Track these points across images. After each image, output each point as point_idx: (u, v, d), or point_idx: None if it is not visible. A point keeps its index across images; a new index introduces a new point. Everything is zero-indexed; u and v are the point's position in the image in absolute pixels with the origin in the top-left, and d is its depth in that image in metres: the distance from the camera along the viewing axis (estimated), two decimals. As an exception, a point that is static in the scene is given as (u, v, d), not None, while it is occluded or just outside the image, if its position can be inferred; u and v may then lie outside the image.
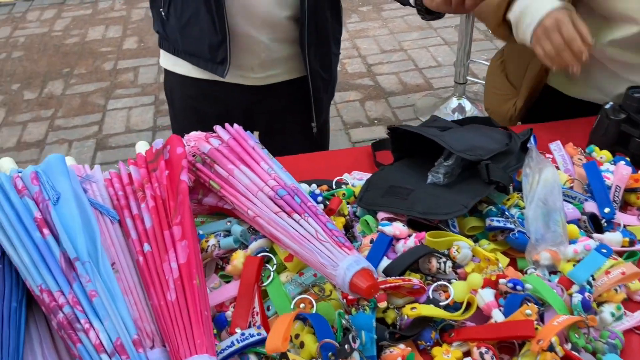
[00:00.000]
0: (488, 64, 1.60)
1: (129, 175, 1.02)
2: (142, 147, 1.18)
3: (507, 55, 1.48)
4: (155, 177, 0.99)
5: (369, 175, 1.16)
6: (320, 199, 0.97)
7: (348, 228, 1.00)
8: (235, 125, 1.08)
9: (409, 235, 0.93)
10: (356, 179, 1.15)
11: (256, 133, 1.60)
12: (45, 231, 0.82)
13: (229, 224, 0.98)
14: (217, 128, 1.07)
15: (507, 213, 0.97)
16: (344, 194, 1.02)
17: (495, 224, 0.95)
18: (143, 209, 0.94)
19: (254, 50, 1.37)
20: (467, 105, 3.16)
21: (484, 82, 1.69)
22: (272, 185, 0.91)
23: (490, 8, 1.21)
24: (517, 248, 0.94)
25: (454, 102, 3.18)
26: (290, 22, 1.36)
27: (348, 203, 1.06)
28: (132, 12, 4.89)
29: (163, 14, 1.37)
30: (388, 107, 3.31)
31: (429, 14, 1.19)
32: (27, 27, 4.70)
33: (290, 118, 1.53)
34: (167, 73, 1.51)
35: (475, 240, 0.97)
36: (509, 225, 0.95)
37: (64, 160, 0.92)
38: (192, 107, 1.50)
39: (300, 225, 0.82)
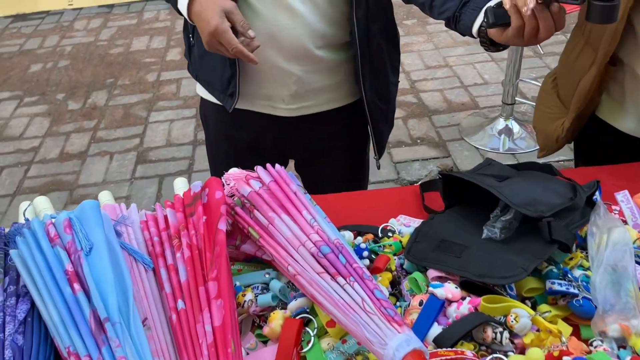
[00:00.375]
0: (538, 83, 1.52)
1: (166, 218, 0.97)
2: (180, 184, 1.14)
3: (559, 71, 1.40)
4: (192, 223, 0.94)
5: (417, 221, 1.09)
6: (365, 253, 0.90)
7: (395, 284, 0.93)
8: (277, 166, 1.03)
9: (462, 298, 0.86)
10: (403, 225, 1.08)
11: (291, 162, 1.56)
12: (76, 286, 0.78)
13: (267, 275, 0.92)
14: (258, 169, 1.02)
15: (569, 275, 0.89)
16: (391, 247, 0.95)
17: (557, 287, 0.87)
18: (178, 258, 0.89)
19: (284, 82, 1.30)
20: (515, 127, 3.04)
21: (533, 102, 1.60)
22: (314, 240, 0.85)
23: None
24: (581, 316, 0.86)
25: (500, 123, 3.07)
26: (329, 53, 1.29)
27: (395, 255, 0.99)
28: (177, 22, 4.92)
29: (192, 39, 1.35)
30: (432, 126, 3.22)
31: (493, 46, 1.10)
32: (74, 36, 4.78)
33: (332, 149, 1.47)
34: (202, 100, 1.48)
35: (534, 304, 0.89)
36: (572, 290, 0.86)
37: (98, 208, 0.88)
38: (225, 134, 1.46)
39: (345, 291, 0.76)
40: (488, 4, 1.02)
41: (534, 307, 0.89)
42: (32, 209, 1.08)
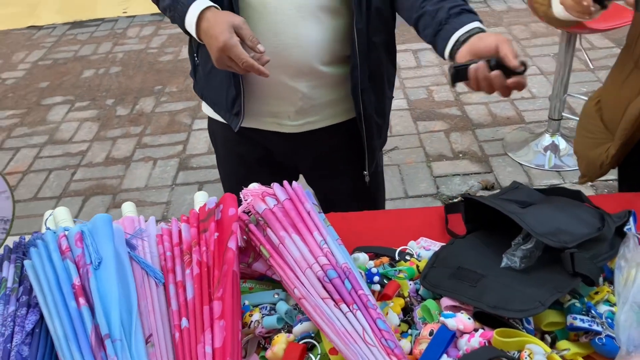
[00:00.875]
0: (587, 98, 1.44)
1: (180, 233, 0.97)
2: (200, 198, 1.14)
3: (605, 93, 1.33)
4: (205, 240, 0.94)
5: (437, 244, 1.06)
6: (376, 279, 0.87)
7: (407, 311, 0.90)
8: (294, 183, 1.01)
9: (475, 330, 0.82)
10: (423, 248, 1.05)
11: (301, 177, 1.54)
12: (82, 300, 0.79)
13: (276, 296, 0.91)
14: (275, 186, 1.00)
15: (593, 311, 0.84)
16: (404, 273, 0.92)
17: (578, 323, 0.82)
18: (187, 275, 0.89)
19: (289, 99, 1.28)
20: (562, 144, 2.94)
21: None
22: (322, 263, 0.83)
23: None
24: (603, 355, 0.81)
25: (546, 139, 2.96)
26: (332, 68, 1.27)
27: (411, 280, 0.96)
28: (225, 31, 4.99)
29: (196, 59, 1.35)
30: (475, 140, 3.14)
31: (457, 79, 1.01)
32: (126, 43, 4.91)
33: (337, 163, 1.45)
34: (209, 118, 1.47)
35: (554, 339, 0.85)
36: (594, 328, 0.81)
37: (110, 222, 0.89)
38: (233, 151, 1.45)
39: (347, 319, 0.73)
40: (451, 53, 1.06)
41: (553, 343, 0.84)
42: (52, 219, 1.10)
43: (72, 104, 3.99)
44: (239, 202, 1.00)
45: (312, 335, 0.82)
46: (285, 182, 1.01)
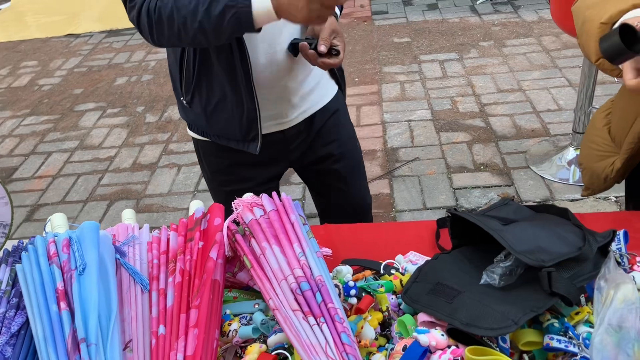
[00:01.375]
0: None
1: (168, 241, 1.00)
2: (195, 206, 1.16)
3: (615, 106, 1.31)
4: (190, 249, 0.96)
5: (425, 258, 1.06)
6: (353, 292, 0.88)
7: (386, 326, 0.91)
8: (283, 195, 1.03)
9: (448, 347, 0.82)
10: (410, 262, 1.05)
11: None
12: (63, 305, 0.82)
13: (256, 306, 0.92)
14: (263, 197, 1.02)
15: (571, 332, 0.82)
16: (382, 287, 0.92)
17: (555, 344, 0.81)
18: (169, 283, 0.91)
19: (283, 98, 1.39)
20: (586, 157, 2.87)
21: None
22: (297, 275, 0.84)
23: (591, 32, 1.04)
24: (579, 376, 0.80)
25: (570, 153, 2.91)
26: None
27: (395, 293, 0.96)
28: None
29: (185, 102, 1.38)
30: (497, 152, 3.11)
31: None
32: (158, 52, 5.02)
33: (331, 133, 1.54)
34: (200, 141, 1.50)
35: (532, 359, 0.84)
36: (570, 349, 0.80)
37: (97, 229, 0.92)
38: (229, 162, 1.48)
39: (313, 331, 0.74)
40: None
41: (530, 362, 0.83)
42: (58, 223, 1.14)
43: (103, 111, 4.10)
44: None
45: (286, 346, 0.83)
46: (274, 194, 1.03)
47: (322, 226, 1.19)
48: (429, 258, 1.04)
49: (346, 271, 0.97)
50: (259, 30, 1.13)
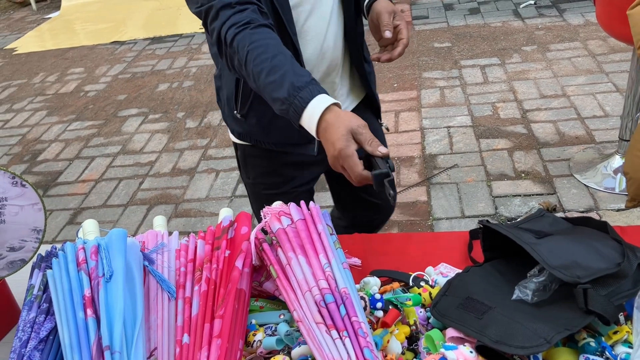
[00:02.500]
0: None
1: (195, 249, 1.00)
2: (224, 214, 1.16)
3: None
4: (216, 257, 0.96)
5: (456, 271, 1.03)
6: (379, 305, 0.86)
7: (413, 340, 0.88)
8: (311, 204, 1.02)
9: (477, 364, 0.79)
10: (440, 274, 1.02)
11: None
12: (89, 312, 0.82)
13: (281, 317, 0.91)
14: (291, 206, 1.01)
15: (608, 352, 0.78)
16: (410, 300, 0.90)
17: (590, 364, 0.77)
18: (195, 291, 0.91)
19: (332, 94, 1.37)
20: (633, 165, 2.77)
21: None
22: (322, 287, 0.83)
23: None
24: (616, 400, 0.76)
25: (616, 161, 2.80)
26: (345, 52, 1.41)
27: (423, 306, 0.93)
28: (294, 46, 5.08)
29: (239, 116, 1.38)
30: (539, 160, 3.02)
31: None
32: (200, 59, 5.10)
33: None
34: (245, 147, 1.50)
35: (565, 379, 0.80)
36: (607, 370, 0.76)
37: (124, 236, 0.93)
38: (272, 170, 1.49)
39: (336, 345, 0.73)
40: None
41: (565, 383, 0.80)
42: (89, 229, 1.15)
43: (145, 116, 4.18)
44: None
45: (309, 358, 0.82)
46: (302, 202, 1.02)
47: (350, 235, 1.17)
48: (460, 271, 1.01)
49: (374, 283, 0.95)
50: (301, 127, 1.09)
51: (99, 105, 4.47)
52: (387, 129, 1.57)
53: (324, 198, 2.96)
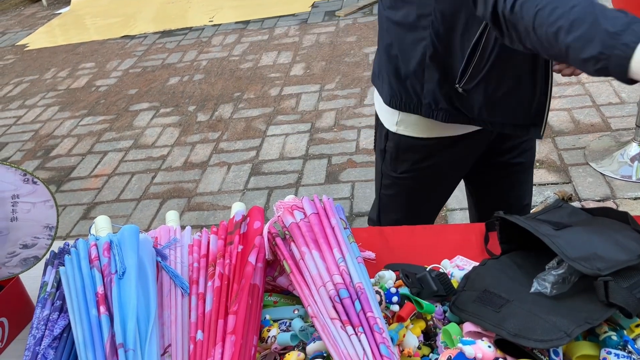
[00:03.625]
0: None
1: (208, 244, 0.99)
2: (236, 209, 1.15)
3: None
4: (229, 252, 0.95)
5: (473, 263, 1.01)
6: (395, 299, 0.85)
7: (430, 335, 0.87)
8: (324, 197, 1.01)
9: (496, 359, 0.77)
10: (457, 267, 1.01)
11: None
12: (102, 309, 0.82)
13: (296, 312, 0.90)
14: (304, 200, 1.00)
15: (630, 346, 0.77)
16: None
17: (612, 358, 0.75)
18: (209, 287, 0.90)
19: None
20: (651, 153, 2.73)
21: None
22: (336, 281, 0.81)
23: None
24: (639, 394, 0.74)
25: (633, 149, 2.76)
26: None
27: (439, 300, 0.92)
28: (304, 37, 5.05)
29: (462, 90, 1.19)
30: (554, 148, 2.98)
31: None
32: (210, 51, 5.09)
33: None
34: (402, 137, 1.35)
35: (587, 373, 0.78)
36: (630, 364, 0.74)
37: (137, 233, 0.92)
38: (445, 164, 1.38)
39: (351, 341, 0.71)
40: None
41: (586, 377, 0.78)
42: (102, 226, 1.15)
43: (157, 110, 4.19)
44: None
45: (324, 355, 0.81)
46: (315, 196, 1.01)
47: (365, 229, 1.16)
48: (477, 263, 1.00)
49: (389, 277, 0.94)
50: (631, 81, 0.83)
51: (110, 100, 4.48)
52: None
53: (336, 190, 2.94)
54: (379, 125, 1.41)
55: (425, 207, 1.50)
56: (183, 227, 1.10)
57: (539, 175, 2.82)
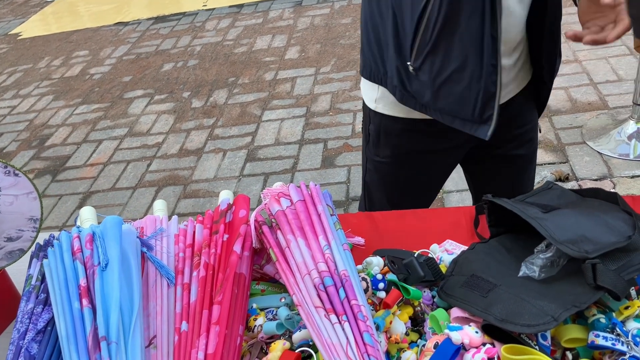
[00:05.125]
0: None
1: (194, 234, 0.98)
2: (225, 196, 1.14)
3: None
4: (214, 241, 0.94)
5: (462, 247, 1.00)
6: (381, 285, 0.83)
7: (418, 321, 0.86)
8: (311, 183, 0.99)
9: (483, 344, 0.77)
10: (446, 252, 1.00)
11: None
12: (85, 302, 0.81)
13: (282, 300, 0.89)
14: (290, 187, 0.99)
15: (619, 329, 0.76)
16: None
17: (600, 341, 0.74)
18: (194, 277, 0.89)
19: (514, 68, 1.23)
20: (647, 131, 2.71)
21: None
22: (321, 269, 0.80)
23: None
24: (628, 377, 0.73)
25: (630, 127, 2.74)
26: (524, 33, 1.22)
27: (427, 285, 0.91)
28: (299, 20, 5.01)
29: (412, 68, 1.16)
30: (551, 128, 2.96)
31: None
32: (204, 36, 5.04)
33: (516, 123, 1.37)
34: (383, 117, 1.32)
35: (576, 357, 0.78)
36: (618, 347, 0.74)
37: (119, 224, 0.91)
38: (420, 147, 1.34)
39: (335, 330, 0.71)
40: None
41: (574, 361, 0.77)
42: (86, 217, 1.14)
43: (151, 97, 4.16)
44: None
45: (310, 343, 0.80)
46: (302, 183, 0.99)
47: (354, 214, 1.15)
48: (466, 247, 0.99)
49: (376, 263, 0.92)
50: None
51: (104, 88, 4.45)
52: (540, 130, 1.42)
53: (332, 175, 2.93)
54: (363, 105, 1.38)
55: (411, 197, 1.42)
56: (170, 217, 1.08)
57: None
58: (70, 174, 3.42)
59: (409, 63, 1.16)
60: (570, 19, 3.12)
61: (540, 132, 1.43)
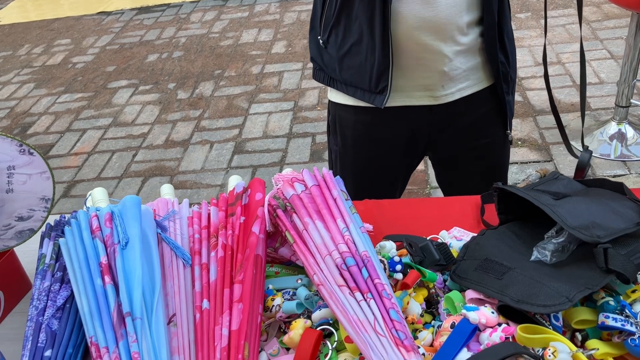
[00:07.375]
0: None
1: (209, 216, 0.99)
2: (234, 182, 1.15)
3: None
4: (231, 224, 0.95)
5: (470, 234, 1.03)
6: (399, 267, 0.86)
7: (432, 303, 0.88)
8: (324, 170, 1.01)
9: (499, 325, 0.79)
10: (454, 238, 1.02)
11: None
12: (107, 279, 0.81)
13: (299, 281, 0.91)
14: (304, 172, 1.00)
15: (627, 310, 0.79)
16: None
17: (610, 322, 0.77)
18: (212, 258, 0.90)
19: (435, 67, 1.24)
20: (630, 132, 2.78)
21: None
22: (342, 250, 0.82)
23: None
24: (636, 356, 0.76)
25: (612, 127, 2.82)
26: (470, 30, 1.23)
27: (440, 269, 0.93)
28: (285, 15, 5.01)
29: (321, 42, 1.30)
30: (535, 127, 3.03)
31: None
32: (189, 28, 5.02)
33: (478, 132, 1.39)
34: (335, 105, 1.40)
35: (585, 338, 0.81)
36: (627, 328, 0.77)
37: (139, 203, 0.91)
38: (371, 137, 1.38)
39: (361, 307, 0.72)
40: None
41: (584, 341, 0.80)
42: (99, 197, 1.14)
43: (136, 88, 4.12)
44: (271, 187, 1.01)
45: (331, 322, 0.82)
46: (315, 168, 1.01)
47: (362, 202, 1.17)
48: (474, 234, 1.01)
49: (390, 247, 0.95)
50: None
51: (87, 77, 4.40)
52: (511, 141, 1.44)
53: (319, 168, 2.95)
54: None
55: (373, 188, 1.43)
56: (180, 201, 1.09)
57: (521, 153, 2.87)
58: (54, 162, 3.38)
59: (319, 37, 1.30)
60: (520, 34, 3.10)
61: (511, 143, 1.47)
